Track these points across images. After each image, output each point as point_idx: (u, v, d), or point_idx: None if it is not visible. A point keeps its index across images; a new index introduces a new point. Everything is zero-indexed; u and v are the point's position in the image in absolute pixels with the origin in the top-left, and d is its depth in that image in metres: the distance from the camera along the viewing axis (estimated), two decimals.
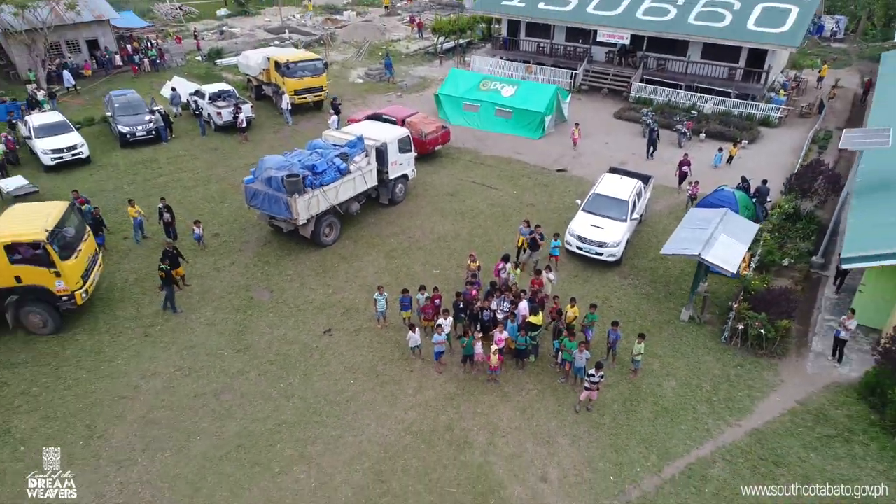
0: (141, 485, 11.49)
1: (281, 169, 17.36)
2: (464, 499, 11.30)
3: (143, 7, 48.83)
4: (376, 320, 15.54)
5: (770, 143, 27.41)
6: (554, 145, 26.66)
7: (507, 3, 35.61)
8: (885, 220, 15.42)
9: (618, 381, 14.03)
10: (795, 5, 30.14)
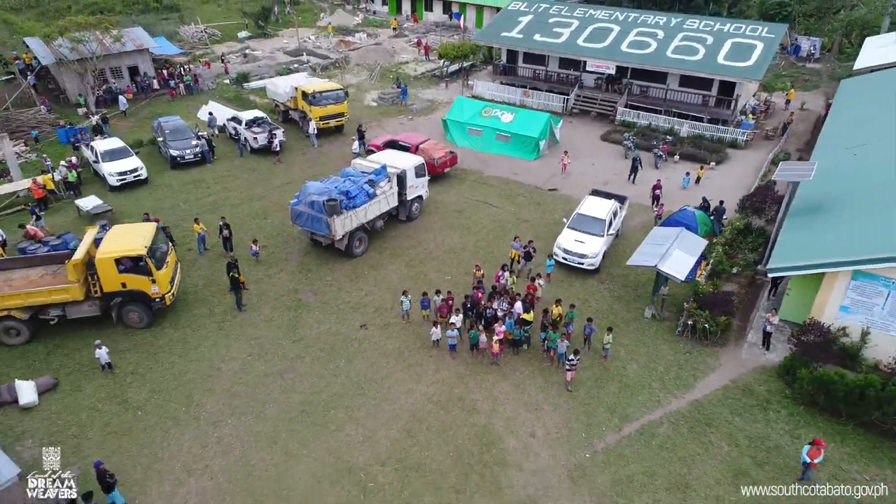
0: (232, 439, 15.47)
1: (322, 194, 21.33)
2: (473, 449, 15.28)
3: (170, 30, 52.78)
4: (402, 317, 19.51)
5: (736, 164, 31.38)
6: (547, 167, 30.63)
7: (507, 35, 39.61)
8: (807, 239, 19.40)
9: (591, 364, 17.99)
10: (760, 41, 34.14)
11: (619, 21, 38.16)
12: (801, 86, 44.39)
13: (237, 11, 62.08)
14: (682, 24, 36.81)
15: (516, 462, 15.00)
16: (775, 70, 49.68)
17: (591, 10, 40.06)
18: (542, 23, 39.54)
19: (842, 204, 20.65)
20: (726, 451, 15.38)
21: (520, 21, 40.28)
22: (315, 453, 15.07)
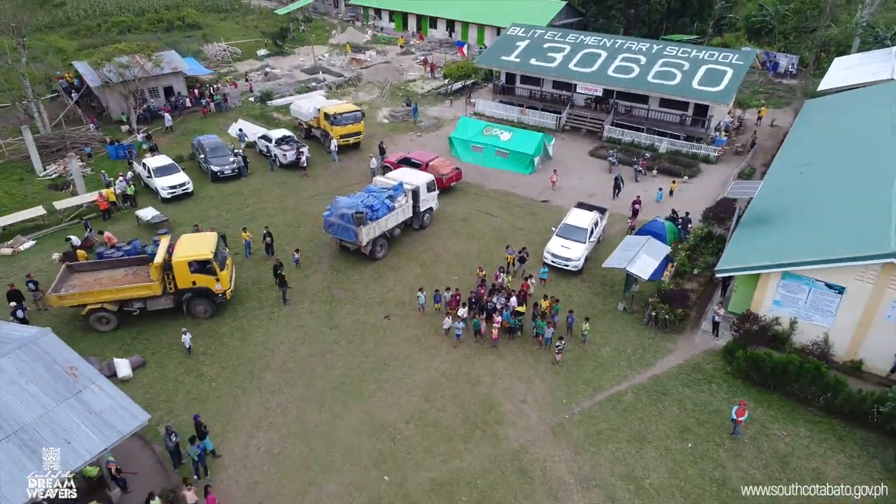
0: (288, 403, 19.73)
1: (350, 208, 25.59)
2: (477, 411, 19.54)
3: (195, 48, 57.03)
4: (418, 310, 23.76)
5: (707, 178, 35.62)
6: (540, 180, 34.87)
7: (505, 58, 43.90)
8: (750, 245, 23.65)
9: (572, 347, 22.23)
10: (731, 67, 38.41)
11: (606, 47, 42.47)
12: (775, 103, 48.63)
13: (253, 28, 66.40)
14: (662, 50, 41.12)
15: (511, 421, 19.27)
16: (753, 87, 54.05)
17: (581, 36, 44.39)
18: (538, 47, 43.83)
19: (781, 217, 24.93)
20: (676, 414, 19.64)
21: (517, 45, 44.58)
22: (354, 414, 19.34)
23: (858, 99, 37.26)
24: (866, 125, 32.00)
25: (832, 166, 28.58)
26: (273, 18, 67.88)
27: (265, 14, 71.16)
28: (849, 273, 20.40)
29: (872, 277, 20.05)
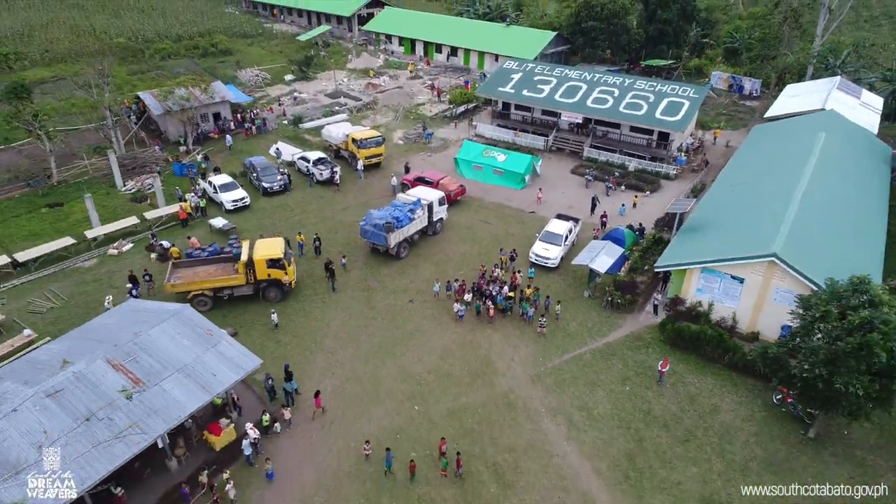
0: (344, 360, 27.65)
1: (381, 219, 33.52)
2: (478, 366, 27.48)
3: (230, 74, 64.98)
4: (434, 296, 31.69)
5: (666, 192, 43.53)
6: (530, 195, 42.78)
7: (501, 89, 51.85)
8: (682, 248, 31.56)
9: (549, 323, 30.11)
10: (687, 100, 46.35)
11: (586, 80, 50.43)
12: (734, 124, 56.59)
13: (278, 53, 74.35)
14: (632, 84, 49.08)
15: (502, 373, 27.21)
16: (719, 109, 61.99)
17: (566, 70, 52.39)
18: (529, 80, 51.80)
19: (708, 226, 32.88)
20: (620, 368, 27.58)
21: (512, 78, 52.54)
22: (390, 367, 27.29)
23: (792, 127, 45.22)
24: (791, 151, 39.92)
25: (756, 185, 36.52)
26: (295, 44, 75.84)
27: (288, 39, 79.10)
28: (746, 268, 28.35)
29: (762, 271, 27.98)
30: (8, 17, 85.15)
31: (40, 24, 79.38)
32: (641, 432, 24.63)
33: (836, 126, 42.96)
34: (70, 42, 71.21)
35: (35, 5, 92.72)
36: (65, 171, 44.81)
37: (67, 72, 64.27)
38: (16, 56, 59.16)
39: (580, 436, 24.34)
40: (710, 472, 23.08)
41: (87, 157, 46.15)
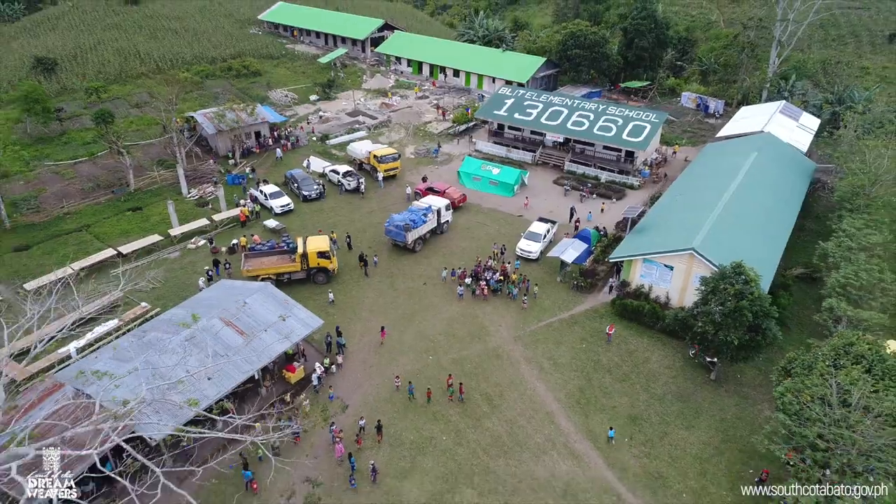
0: (376, 324, 37.62)
1: (401, 221, 43.49)
2: (475, 330, 37.52)
3: (262, 94, 74.90)
4: (443, 280, 41.68)
5: (629, 200, 53.41)
6: (518, 201, 52.68)
7: (497, 112, 61.83)
8: (632, 243, 41.50)
9: (529, 300, 40.06)
10: (649, 124, 56.27)
11: (567, 105, 60.38)
12: (694, 141, 66.48)
13: (301, 74, 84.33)
14: (605, 109, 59.03)
15: (492, 335, 37.19)
16: (684, 126, 71.86)
17: (550, 97, 62.35)
18: (519, 105, 61.77)
19: (653, 227, 42.81)
20: (579, 332, 37.55)
21: (505, 102, 62.52)
22: (412, 331, 37.27)
23: (734, 146, 55.11)
24: (727, 167, 49.80)
25: (693, 195, 46.44)
26: (316, 65, 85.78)
27: (309, 60, 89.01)
28: (674, 259, 38.28)
29: (685, 261, 37.89)
30: (55, 36, 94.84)
31: (89, 45, 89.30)
32: (591, 375, 34.63)
33: (769, 146, 52.83)
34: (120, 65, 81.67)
35: (77, 25, 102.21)
36: (138, 181, 54.77)
37: (121, 92, 74.59)
38: (103, 88, 68.80)
39: (546, 377, 34.33)
40: (638, 401, 33.08)
41: (156, 169, 56.11)
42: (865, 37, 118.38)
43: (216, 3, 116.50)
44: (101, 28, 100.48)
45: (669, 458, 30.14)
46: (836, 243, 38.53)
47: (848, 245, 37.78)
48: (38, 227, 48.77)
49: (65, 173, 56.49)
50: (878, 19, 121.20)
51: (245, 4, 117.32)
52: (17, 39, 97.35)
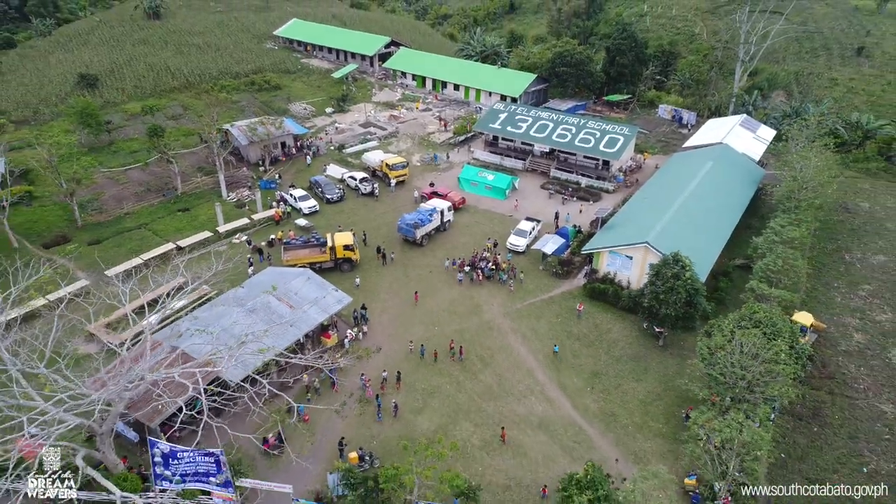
0: (392, 304, 46.74)
1: (411, 220, 52.61)
2: (472, 307, 46.67)
3: (283, 107, 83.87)
4: (446, 269, 50.81)
5: (605, 202, 62.43)
6: (510, 203, 61.77)
7: (492, 125, 70.90)
8: (601, 238, 50.58)
9: (515, 285, 49.17)
10: (622, 137, 65.33)
11: (552, 120, 69.45)
12: (666, 150, 75.45)
13: (316, 88, 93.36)
14: (585, 124, 68.11)
15: (486, 312, 46.28)
16: (659, 136, 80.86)
17: (539, 112, 71.44)
18: (511, 119, 70.84)
19: (619, 224, 51.90)
20: (556, 310, 46.67)
21: (499, 117, 71.61)
22: (420, 308, 46.38)
23: (695, 156, 64.19)
24: (686, 174, 58.86)
25: (655, 198, 55.49)
26: (330, 80, 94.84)
27: (323, 75, 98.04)
28: (632, 250, 47.35)
29: (641, 252, 46.94)
30: (88, 51, 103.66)
31: (123, 61, 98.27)
32: (564, 342, 43.69)
33: (724, 156, 61.93)
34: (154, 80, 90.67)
35: (107, 41, 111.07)
36: (184, 186, 63.81)
37: (157, 105, 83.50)
38: (156, 108, 77.62)
39: (528, 343, 43.41)
40: (599, 361, 42.17)
41: (198, 176, 65.16)
42: (836, 50, 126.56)
43: (232, 18, 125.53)
44: (130, 43, 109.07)
45: (621, 402, 39.22)
46: (764, 238, 47.58)
47: (773, 239, 46.83)
48: (104, 225, 57.91)
49: (118, 178, 65.52)
50: (849, 33, 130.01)
51: (259, 19, 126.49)
52: (54, 54, 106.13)
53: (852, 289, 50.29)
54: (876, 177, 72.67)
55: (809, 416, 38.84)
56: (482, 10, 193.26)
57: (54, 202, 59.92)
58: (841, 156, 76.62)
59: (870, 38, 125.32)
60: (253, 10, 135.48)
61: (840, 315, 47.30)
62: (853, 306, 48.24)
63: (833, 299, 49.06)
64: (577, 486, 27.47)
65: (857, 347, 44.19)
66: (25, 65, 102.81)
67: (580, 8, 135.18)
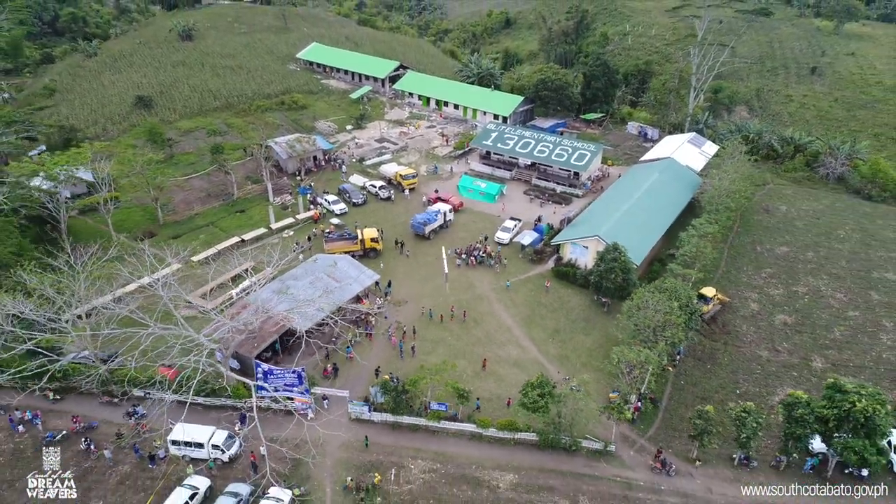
0: (409, 283, 62.67)
1: (421, 219, 68.56)
2: (467, 283, 62.63)
3: (309, 125, 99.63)
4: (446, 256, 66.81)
5: (575, 205, 78.31)
6: (498, 207, 77.63)
7: (485, 143, 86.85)
8: (568, 233, 66.48)
9: (501, 269, 65.08)
10: (589, 153, 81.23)
11: (534, 138, 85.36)
12: (630, 162, 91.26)
13: (336, 107, 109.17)
14: (560, 142, 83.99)
15: (478, 287, 62.22)
16: (625, 149, 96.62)
17: (523, 131, 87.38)
18: (501, 137, 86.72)
19: (581, 223, 67.82)
20: (530, 287, 62.61)
21: (491, 135, 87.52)
22: (429, 285, 62.28)
23: (648, 168, 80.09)
24: (637, 183, 74.74)
25: (611, 202, 71.34)
26: (348, 100, 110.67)
27: (341, 95, 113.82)
28: (588, 242, 63.25)
29: (594, 243, 62.81)
30: (133, 73, 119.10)
31: (168, 82, 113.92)
32: (535, 309, 59.61)
33: (670, 168, 77.86)
34: (199, 101, 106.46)
35: (149, 62, 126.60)
36: (238, 192, 79.63)
37: (204, 123, 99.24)
38: (216, 131, 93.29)
39: (509, 309, 59.33)
40: (559, 321, 58.12)
41: (249, 183, 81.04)
42: (794, 68, 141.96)
43: (257, 40, 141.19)
44: (171, 65, 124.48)
45: (573, 349, 55.08)
46: (686, 233, 63.38)
47: (692, 234, 62.63)
48: (180, 223, 73.80)
49: (182, 186, 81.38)
50: (807, 53, 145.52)
51: (280, 41, 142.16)
52: (104, 74, 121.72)
53: (757, 271, 66.26)
54: (800, 184, 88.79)
55: (706, 359, 54.77)
56: (480, 25, 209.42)
57: (136, 205, 75.87)
58: (774, 166, 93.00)
59: (824, 57, 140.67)
60: (273, 31, 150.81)
61: (744, 290, 63.24)
62: (755, 284, 64.21)
63: (741, 279, 65.01)
64: (531, 387, 43.28)
65: (751, 313, 60.17)
66: (81, 84, 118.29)
67: (569, 28, 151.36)
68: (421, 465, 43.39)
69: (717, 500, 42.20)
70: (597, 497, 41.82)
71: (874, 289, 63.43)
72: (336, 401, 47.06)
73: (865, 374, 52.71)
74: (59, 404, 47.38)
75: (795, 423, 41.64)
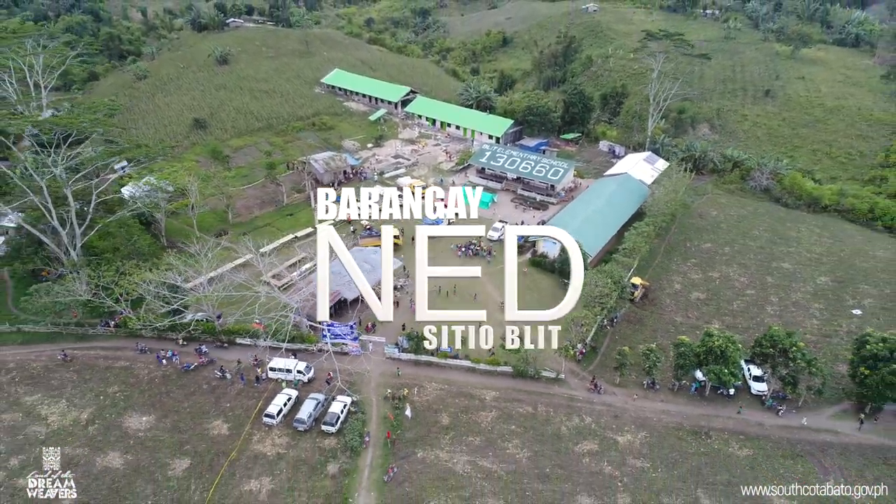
0: None
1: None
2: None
3: (337, 143, 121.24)
4: (450, 249, 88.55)
5: (550, 210, 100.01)
6: (490, 212, 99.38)
7: (481, 160, 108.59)
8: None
9: (492, 259, 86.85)
10: (563, 168, 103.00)
11: (520, 156, 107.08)
12: (598, 175, 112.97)
13: (358, 127, 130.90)
14: (540, 160, 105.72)
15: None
16: (594, 164, 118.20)
17: (511, 150, 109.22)
18: (493, 155, 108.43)
19: (554, 222, 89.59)
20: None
21: (485, 153, 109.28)
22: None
23: (607, 181, 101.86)
24: (598, 193, 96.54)
25: (577, 208, 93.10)
26: (367, 121, 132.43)
27: (361, 116, 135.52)
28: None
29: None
30: (182, 95, 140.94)
31: (216, 104, 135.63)
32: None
33: (625, 182, 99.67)
34: (244, 122, 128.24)
35: (194, 86, 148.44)
36: (287, 199, 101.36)
37: (250, 141, 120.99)
38: (269, 153, 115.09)
39: (495, 289, 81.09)
40: (533, 294, 79.90)
41: (294, 192, 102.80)
42: (751, 90, 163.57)
43: (283, 64, 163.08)
44: (213, 88, 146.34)
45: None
46: (629, 233, 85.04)
47: (633, 233, 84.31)
48: (244, 224, 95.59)
49: (240, 194, 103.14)
50: (763, 76, 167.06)
51: (305, 65, 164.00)
52: (157, 96, 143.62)
53: (684, 262, 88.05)
54: (733, 194, 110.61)
55: (636, 322, 76.56)
56: (480, 44, 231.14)
57: (208, 210, 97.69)
58: (716, 179, 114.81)
59: (778, 81, 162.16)
60: (297, 55, 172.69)
61: (672, 275, 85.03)
62: (681, 271, 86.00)
63: (671, 267, 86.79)
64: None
65: (674, 291, 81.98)
66: (139, 105, 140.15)
67: (557, 51, 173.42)
68: (434, 386, 65.21)
69: (630, 408, 63.97)
70: (550, 405, 63.61)
71: (770, 274, 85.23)
72: (376, 345, 68.87)
73: (749, 333, 74.50)
74: (185, 347, 69.30)
75: (681, 357, 63.38)
